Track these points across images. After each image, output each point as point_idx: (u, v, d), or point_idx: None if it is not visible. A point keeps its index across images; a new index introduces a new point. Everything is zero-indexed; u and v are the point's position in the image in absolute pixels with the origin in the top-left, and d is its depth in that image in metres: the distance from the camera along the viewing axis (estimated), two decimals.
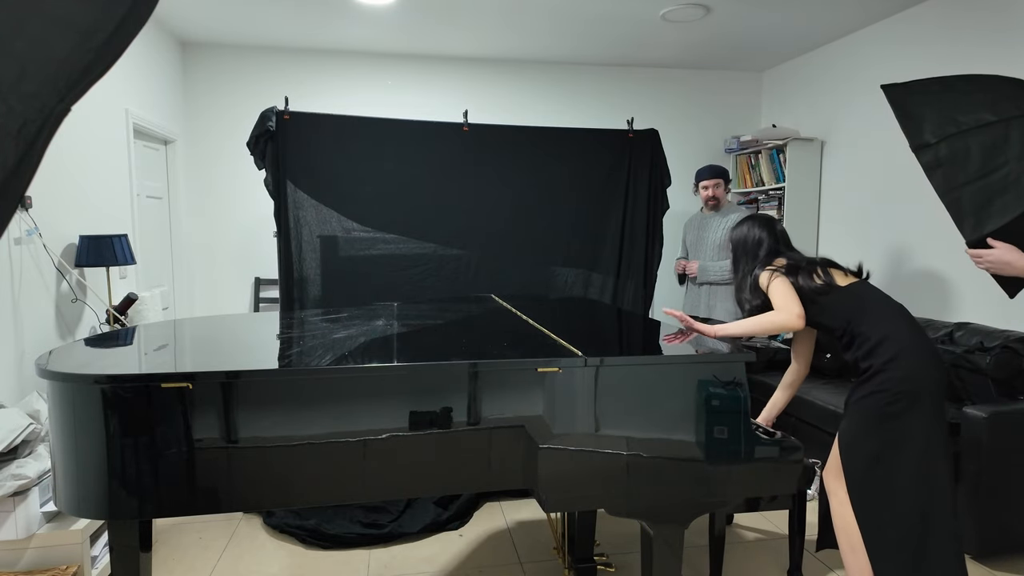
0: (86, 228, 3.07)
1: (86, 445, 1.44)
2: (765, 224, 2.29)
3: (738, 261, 2.31)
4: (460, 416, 1.57)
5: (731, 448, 1.66)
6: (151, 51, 3.84)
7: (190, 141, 4.40)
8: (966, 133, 1.73)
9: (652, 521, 1.69)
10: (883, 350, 1.92)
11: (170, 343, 1.94)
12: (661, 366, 1.64)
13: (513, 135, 3.47)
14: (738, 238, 2.32)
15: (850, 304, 2.03)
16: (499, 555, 2.65)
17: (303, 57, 4.46)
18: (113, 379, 1.44)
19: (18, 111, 0.79)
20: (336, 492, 1.55)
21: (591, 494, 1.63)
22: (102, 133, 3.27)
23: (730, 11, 3.69)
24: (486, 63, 4.69)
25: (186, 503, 1.48)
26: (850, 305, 2.03)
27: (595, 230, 3.52)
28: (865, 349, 1.97)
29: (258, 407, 1.49)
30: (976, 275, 3.21)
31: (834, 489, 2.06)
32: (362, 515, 2.81)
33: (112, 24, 0.81)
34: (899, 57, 3.73)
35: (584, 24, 3.92)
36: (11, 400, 2.46)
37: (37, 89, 0.80)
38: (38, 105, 0.80)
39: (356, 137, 3.24)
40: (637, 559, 2.58)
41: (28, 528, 2.16)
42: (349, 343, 1.86)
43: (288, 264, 3.16)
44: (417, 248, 3.31)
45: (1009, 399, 2.74)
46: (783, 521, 2.92)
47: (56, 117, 0.82)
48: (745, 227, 2.32)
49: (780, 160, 4.41)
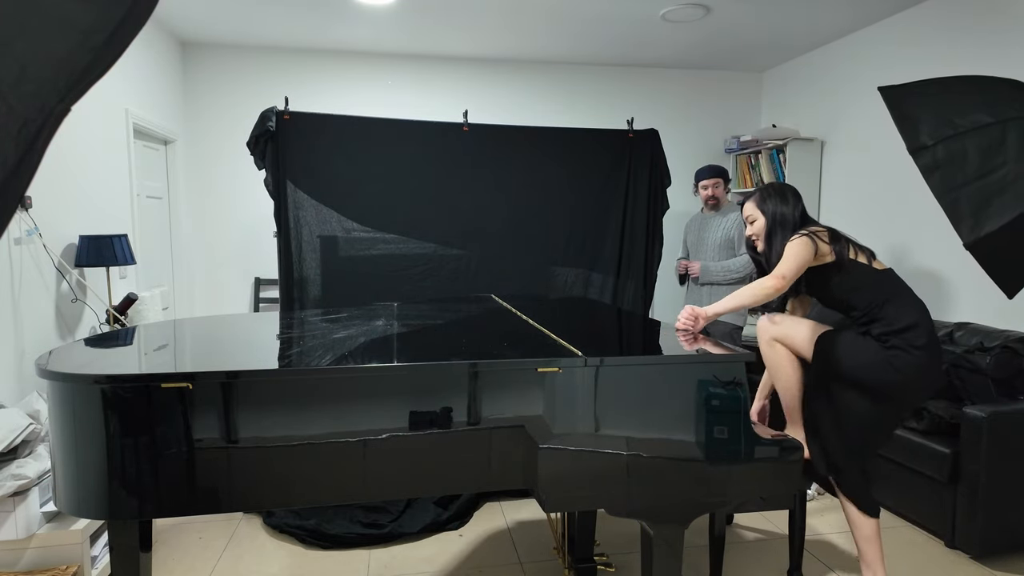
0: (86, 228, 3.07)
1: (86, 445, 1.44)
2: (796, 196, 2.21)
3: (773, 236, 2.17)
4: (460, 416, 1.57)
5: (731, 448, 1.66)
6: (151, 51, 3.84)
7: (190, 141, 4.40)
8: (963, 135, 1.73)
9: (652, 521, 1.69)
10: (913, 335, 1.96)
11: (170, 343, 1.94)
12: (661, 366, 1.64)
13: (513, 135, 3.47)
14: (776, 212, 2.17)
15: (887, 287, 2.03)
16: (499, 555, 2.65)
17: (303, 57, 4.46)
18: (113, 379, 1.44)
19: (18, 111, 0.79)
20: (336, 492, 1.55)
21: (591, 494, 1.63)
22: (102, 133, 3.27)
23: (730, 11, 3.69)
24: (486, 63, 4.69)
25: (186, 503, 1.48)
26: (887, 288, 2.03)
27: (595, 230, 3.52)
28: (890, 329, 1.99)
29: (258, 407, 1.49)
30: (976, 275, 3.21)
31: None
32: (362, 515, 2.81)
33: (112, 24, 0.81)
34: (899, 57, 3.73)
35: (584, 24, 3.92)
36: (11, 400, 2.46)
37: (37, 89, 0.80)
38: (38, 105, 0.80)
39: (356, 137, 3.24)
40: (637, 559, 2.58)
41: (28, 528, 2.16)
42: (349, 343, 1.86)
43: (288, 264, 3.16)
44: (417, 248, 3.31)
45: (1009, 399, 2.74)
46: (783, 521, 2.92)
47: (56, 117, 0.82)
48: (778, 200, 2.19)
49: (780, 160, 4.41)
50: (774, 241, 2.16)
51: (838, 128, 4.22)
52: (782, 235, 2.14)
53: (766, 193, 2.22)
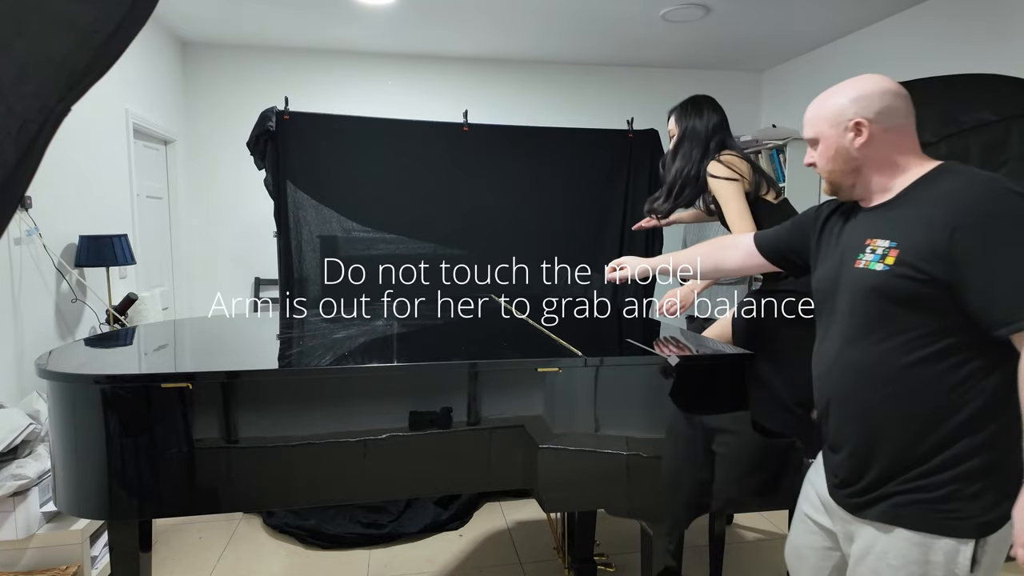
0: (86, 228, 3.06)
1: (86, 445, 1.44)
2: (714, 107, 2.04)
3: (677, 149, 2.02)
4: (460, 416, 1.57)
5: (731, 448, 1.66)
6: (151, 51, 3.84)
7: (190, 141, 4.40)
8: (966, 132, 1.74)
9: (652, 521, 1.69)
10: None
11: (170, 343, 1.94)
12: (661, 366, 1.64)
13: (513, 135, 3.47)
14: (691, 126, 2.02)
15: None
16: (499, 555, 2.65)
17: (303, 57, 4.46)
18: (113, 379, 1.44)
19: (18, 111, 0.79)
20: (336, 492, 1.55)
21: (591, 494, 1.63)
22: (102, 133, 3.27)
23: (730, 11, 3.69)
24: (486, 63, 4.69)
25: (186, 503, 1.48)
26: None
27: (595, 230, 3.52)
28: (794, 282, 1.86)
29: (258, 407, 1.49)
30: None
31: None
32: (362, 515, 2.81)
33: (112, 24, 0.81)
34: (899, 57, 3.73)
35: (584, 24, 3.92)
36: (11, 400, 2.46)
37: (37, 89, 0.80)
38: (38, 105, 0.80)
39: (356, 137, 3.24)
40: (637, 559, 2.57)
41: (28, 528, 2.16)
42: (349, 343, 1.86)
43: (288, 264, 3.16)
44: (417, 248, 3.31)
45: None
46: (783, 521, 2.92)
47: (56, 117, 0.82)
48: (692, 112, 2.03)
49: (780, 160, 4.41)
50: (677, 155, 2.04)
51: None
52: (688, 150, 2.01)
53: (688, 102, 2.09)
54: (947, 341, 1.11)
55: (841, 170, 1.24)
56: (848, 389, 1.24)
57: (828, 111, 1.25)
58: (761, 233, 1.57)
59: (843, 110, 1.22)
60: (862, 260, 1.19)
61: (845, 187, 1.26)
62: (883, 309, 1.16)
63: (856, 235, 1.24)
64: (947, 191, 1.11)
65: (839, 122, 1.22)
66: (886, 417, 1.18)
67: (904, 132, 1.20)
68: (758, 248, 1.55)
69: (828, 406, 1.30)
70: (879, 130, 1.19)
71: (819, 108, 1.27)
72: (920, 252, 1.10)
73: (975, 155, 1.72)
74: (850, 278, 1.22)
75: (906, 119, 1.20)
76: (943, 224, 1.08)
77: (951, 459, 1.12)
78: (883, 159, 1.21)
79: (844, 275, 1.24)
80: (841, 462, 1.27)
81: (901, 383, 1.15)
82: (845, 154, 1.22)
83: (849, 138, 1.21)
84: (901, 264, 1.12)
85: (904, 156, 1.20)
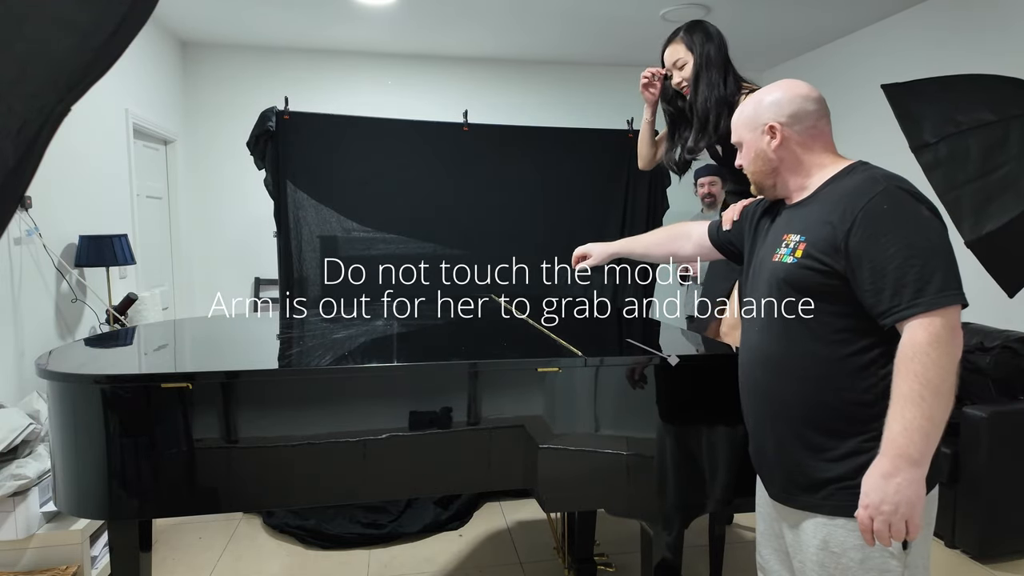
0: (86, 228, 3.06)
1: (86, 445, 1.44)
2: (721, 35, 1.93)
3: (699, 80, 1.89)
4: (460, 416, 1.57)
5: (731, 447, 1.66)
6: (151, 51, 3.84)
7: (190, 141, 4.40)
8: (966, 133, 1.74)
9: (652, 521, 1.69)
10: None
11: (170, 343, 1.94)
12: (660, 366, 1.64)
13: (513, 135, 3.47)
14: (706, 51, 1.91)
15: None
16: (499, 555, 2.65)
17: (303, 57, 4.46)
18: (113, 379, 1.44)
19: (18, 111, 0.79)
20: (336, 492, 1.55)
21: (591, 494, 1.63)
22: (102, 133, 3.27)
23: (730, 11, 3.69)
24: (486, 63, 4.69)
25: (186, 503, 1.48)
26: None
27: (595, 230, 3.51)
28: None
29: (258, 407, 1.49)
30: (976, 275, 3.18)
31: None
32: (362, 515, 2.81)
33: (112, 24, 0.81)
34: (899, 57, 3.73)
35: (584, 24, 3.92)
36: (11, 400, 2.46)
37: (37, 89, 0.79)
38: (38, 105, 0.80)
39: (356, 137, 3.24)
40: (637, 559, 2.57)
41: (28, 528, 2.16)
42: (349, 343, 1.86)
43: (288, 264, 3.16)
44: (417, 248, 3.30)
45: (1009, 399, 2.74)
46: None
47: (56, 117, 0.82)
48: (703, 36, 1.92)
49: None
50: (700, 85, 1.89)
51: (838, 128, 4.18)
52: (707, 79, 1.88)
53: (692, 28, 1.99)
54: (853, 330, 1.17)
55: (762, 171, 1.32)
56: (763, 379, 1.30)
57: (746, 116, 1.33)
58: (714, 222, 1.63)
59: (759, 115, 1.30)
60: (778, 254, 1.27)
61: (767, 187, 1.34)
62: (793, 300, 1.23)
63: (777, 231, 1.32)
64: (848, 190, 1.19)
65: (756, 126, 1.30)
66: (801, 405, 1.23)
67: (816, 134, 1.29)
68: (710, 238, 1.61)
69: (749, 398, 1.36)
70: (792, 133, 1.27)
71: (740, 114, 1.35)
72: (822, 246, 1.18)
73: (975, 155, 1.71)
74: (768, 271, 1.29)
75: (818, 121, 1.29)
76: (841, 220, 1.15)
77: (867, 442, 1.17)
78: (798, 160, 1.29)
79: (765, 269, 1.31)
80: (767, 458, 1.32)
81: (813, 371, 1.21)
82: (764, 156, 1.30)
83: (765, 141, 1.29)
84: (807, 256, 1.20)
85: (818, 156, 1.29)
